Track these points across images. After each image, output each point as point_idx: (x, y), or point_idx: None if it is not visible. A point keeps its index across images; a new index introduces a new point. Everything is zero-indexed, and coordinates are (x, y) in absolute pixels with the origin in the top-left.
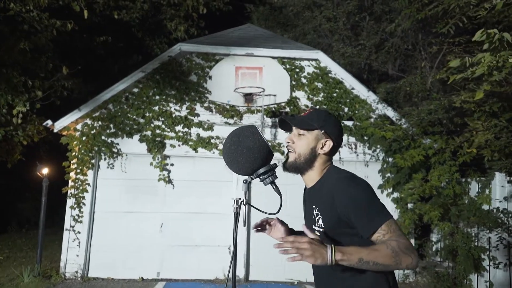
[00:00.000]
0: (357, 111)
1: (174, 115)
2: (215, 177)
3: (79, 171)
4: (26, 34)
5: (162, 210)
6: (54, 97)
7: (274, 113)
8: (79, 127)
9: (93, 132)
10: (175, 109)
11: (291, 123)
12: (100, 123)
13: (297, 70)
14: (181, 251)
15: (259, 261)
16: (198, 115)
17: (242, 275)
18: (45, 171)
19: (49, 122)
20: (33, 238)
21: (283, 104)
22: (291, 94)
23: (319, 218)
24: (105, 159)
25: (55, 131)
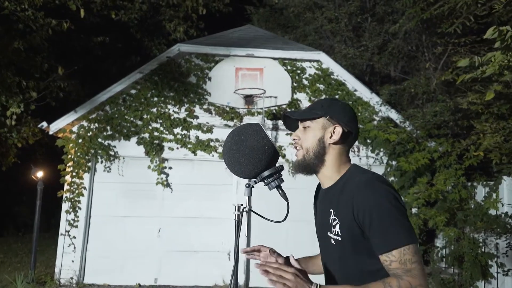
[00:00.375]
0: (359, 114)
1: (172, 117)
2: (215, 180)
3: (75, 174)
4: (21, 33)
5: (160, 214)
6: (49, 98)
7: (275, 115)
8: (75, 129)
9: (89, 134)
10: (173, 111)
11: (292, 117)
12: (96, 125)
13: (299, 71)
14: (179, 257)
15: None
16: (197, 117)
17: (242, 282)
18: (40, 174)
19: (44, 124)
20: (29, 242)
21: (284, 106)
22: (292, 96)
23: (336, 224)
24: (101, 162)
25: (51, 133)
